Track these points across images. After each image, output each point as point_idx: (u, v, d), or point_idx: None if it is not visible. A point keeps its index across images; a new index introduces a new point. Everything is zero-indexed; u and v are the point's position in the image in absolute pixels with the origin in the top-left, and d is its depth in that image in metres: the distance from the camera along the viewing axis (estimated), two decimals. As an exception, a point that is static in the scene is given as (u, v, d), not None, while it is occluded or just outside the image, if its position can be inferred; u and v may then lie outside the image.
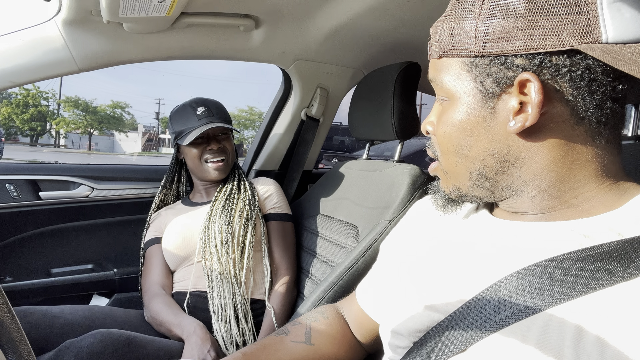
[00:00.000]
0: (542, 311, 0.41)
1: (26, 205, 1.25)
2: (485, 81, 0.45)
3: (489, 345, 0.44)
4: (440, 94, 0.51)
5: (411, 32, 1.24)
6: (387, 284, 0.65)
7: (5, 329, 0.37)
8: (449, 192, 0.54)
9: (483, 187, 0.50)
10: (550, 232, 0.46)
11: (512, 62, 0.43)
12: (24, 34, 1.04)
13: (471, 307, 0.47)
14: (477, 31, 0.44)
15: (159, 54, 1.23)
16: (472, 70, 0.46)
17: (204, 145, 1.30)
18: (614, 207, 0.44)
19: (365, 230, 1.10)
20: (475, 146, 0.48)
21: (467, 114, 0.47)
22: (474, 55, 0.45)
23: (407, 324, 0.54)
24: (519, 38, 0.42)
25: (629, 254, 0.40)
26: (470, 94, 0.47)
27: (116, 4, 0.95)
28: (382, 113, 1.17)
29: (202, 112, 1.29)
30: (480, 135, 0.47)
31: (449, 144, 0.50)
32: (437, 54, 0.49)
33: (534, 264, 0.44)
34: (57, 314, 1.10)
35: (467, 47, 0.45)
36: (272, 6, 1.14)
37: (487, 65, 0.45)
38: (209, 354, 1.01)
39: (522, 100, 0.44)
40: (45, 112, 31.18)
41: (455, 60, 0.47)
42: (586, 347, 0.37)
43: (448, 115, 0.49)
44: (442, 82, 0.49)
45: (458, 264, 0.52)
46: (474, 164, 0.49)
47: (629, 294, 0.38)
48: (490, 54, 0.44)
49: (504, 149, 0.47)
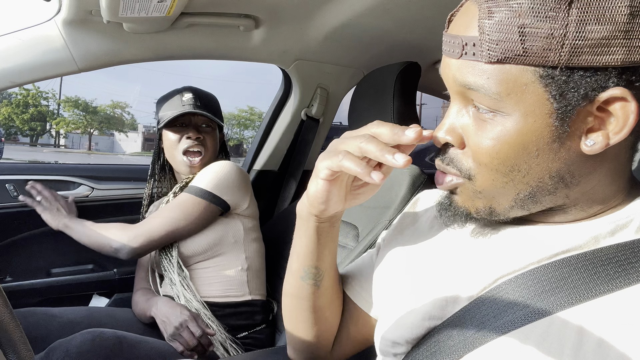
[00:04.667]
0: (542, 318, 0.40)
1: (26, 205, 1.25)
2: (565, 96, 0.38)
3: (486, 353, 0.42)
4: (486, 104, 0.41)
5: (411, 32, 1.24)
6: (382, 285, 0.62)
7: (5, 329, 0.37)
8: (476, 211, 0.46)
9: (524, 208, 0.44)
10: (549, 234, 0.45)
11: (601, 76, 0.36)
12: (23, 34, 1.04)
13: (469, 313, 0.45)
14: (565, 37, 0.36)
15: (159, 54, 1.23)
16: (549, 82, 0.38)
17: (182, 132, 1.23)
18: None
19: (365, 230, 1.10)
20: (537, 167, 0.41)
21: (535, 133, 0.39)
22: (559, 67, 0.37)
23: (404, 333, 0.52)
24: (618, 49, 0.35)
25: (630, 258, 0.39)
26: (541, 111, 0.39)
27: (116, 4, 0.95)
28: (382, 113, 1.16)
29: (189, 99, 1.24)
30: (546, 156, 0.40)
31: (500, 164, 0.42)
32: (490, 57, 0.38)
33: (534, 269, 0.43)
34: (58, 315, 1.10)
35: (549, 54, 0.36)
36: (272, 6, 1.14)
37: (569, 77, 0.37)
38: (182, 314, 1.02)
39: (600, 115, 0.38)
40: (45, 112, 31.18)
41: (523, 69, 0.38)
42: (587, 355, 0.36)
43: (504, 134, 0.40)
44: (496, 93, 0.39)
45: (456, 268, 0.50)
46: (527, 185, 0.42)
47: (630, 300, 0.37)
48: (580, 66, 0.36)
49: (565, 168, 0.41)
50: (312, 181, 0.51)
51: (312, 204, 0.52)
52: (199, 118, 1.25)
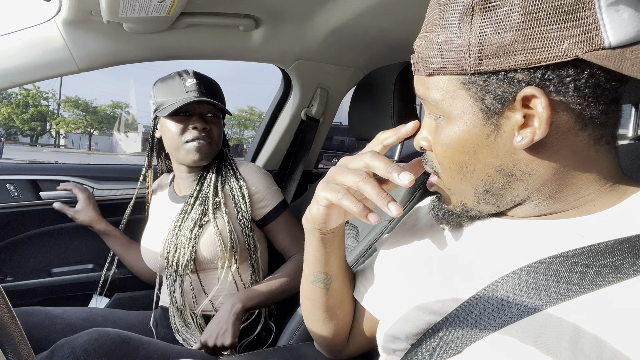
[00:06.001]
0: (539, 311, 0.41)
1: (27, 205, 1.25)
2: (486, 98, 0.43)
3: (485, 346, 0.43)
4: (433, 111, 0.48)
5: (411, 32, 1.23)
6: (384, 285, 0.65)
7: (5, 329, 0.37)
8: (454, 207, 0.52)
9: (489, 202, 0.48)
10: (546, 231, 0.46)
11: (512, 77, 0.41)
12: (23, 34, 1.04)
13: (468, 308, 0.47)
14: (470, 47, 0.41)
15: (159, 54, 1.23)
16: (469, 88, 0.43)
17: (187, 122, 1.11)
18: (612, 206, 0.44)
19: (365, 230, 1.10)
20: (479, 164, 0.46)
21: (469, 133, 0.45)
22: (470, 73, 0.42)
23: (404, 327, 0.54)
24: (518, 52, 0.39)
25: (626, 253, 0.39)
26: (470, 112, 0.44)
27: (116, 4, 0.95)
28: (382, 113, 1.17)
29: (192, 84, 1.12)
30: (484, 153, 0.45)
31: (451, 163, 0.48)
32: (425, 72, 0.46)
33: (531, 264, 0.44)
34: (58, 315, 1.10)
35: (461, 64, 0.42)
36: (272, 6, 1.14)
37: (485, 82, 0.42)
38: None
39: (527, 113, 0.42)
40: (45, 112, 31.17)
41: (448, 78, 0.44)
42: (584, 348, 0.37)
43: (447, 136, 0.47)
44: (435, 100, 0.46)
45: (454, 265, 0.52)
46: (479, 180, 0.47)
47: (626, 293, 0.38)
48: (488, 71, 0.41)
49: (509, 164, 0.45)
50: (313, 204, 0.58)
51: (314, 222, 0.59)
52: (204, 106, 1.14)
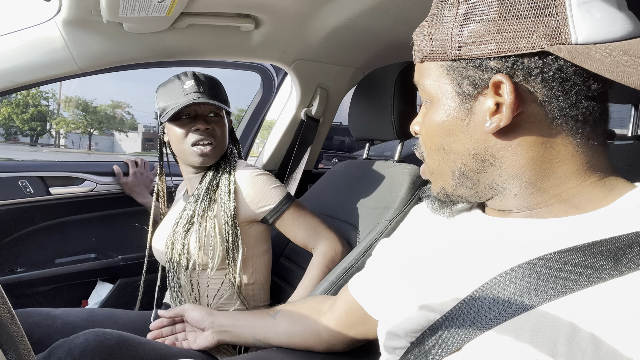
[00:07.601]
0: (535, 308, 0.41)
1: (38, 201, 1.33)
2: (463, 83, 0.47)
3: (483, 343, 0.44)
4: (423, 96, 0.53)
5: (411, 31, 1.23)
6: (384, 284, 0.65)
7: (5, 329, 0.37)
8: (437, 193, 0.55)
9: (466, 187, 0.52)
10: (542, 229, 0.46)
11: (486, 64, 0.45)
12: (24, 34, 1.04)
13: (466, 306, 0.47)
14: (452, 35, 0.46)
15: (159, 53, 1.23)
16: (450, 73, 0.48)
17: (189, 124, 1.13)
18: (602, 203, 0.45)
19: (365, 230, 1.10)
20: (455, 145, 0.50)
21: (447, 115, 0.49)
22: (451, 59, 0.47)
23: (403, 324, 0.55)
24: (491, 41, 0.43)
25: (623, 250, 0.40)
26: (449, 96, 0.49)
27: (116, 4, 0.95)
28: (382, 113, 1.17)
29: (190, 86, 1.12)
30: (459, 135, 0.49)
31: (431, 143, 0.53)
32: (419, 58, 0.52)
33: (528, 261, 0.44)
34: (58, 315, 1.09)
35: (445, 51, 0.47)
36: (272, 6, 1.14)
37: (464, 68, 0.46)
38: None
39: (498, 101, 0.45)
40: (45, 112, 31.20)
41: (435, 64, 0.49)
42: (580, 344, 0.37)
43: (430, 117, 0.52)
44: (424, 85, 0.51)
45: (453, 263, 0.52)
46: (455, 162, 0.51)
47: (623, 289, 0.38)
48: (466, 58, 0.46)
49: (482, 148, 0.48)
50: None
51: None
52: (205, 107, 1.16)
